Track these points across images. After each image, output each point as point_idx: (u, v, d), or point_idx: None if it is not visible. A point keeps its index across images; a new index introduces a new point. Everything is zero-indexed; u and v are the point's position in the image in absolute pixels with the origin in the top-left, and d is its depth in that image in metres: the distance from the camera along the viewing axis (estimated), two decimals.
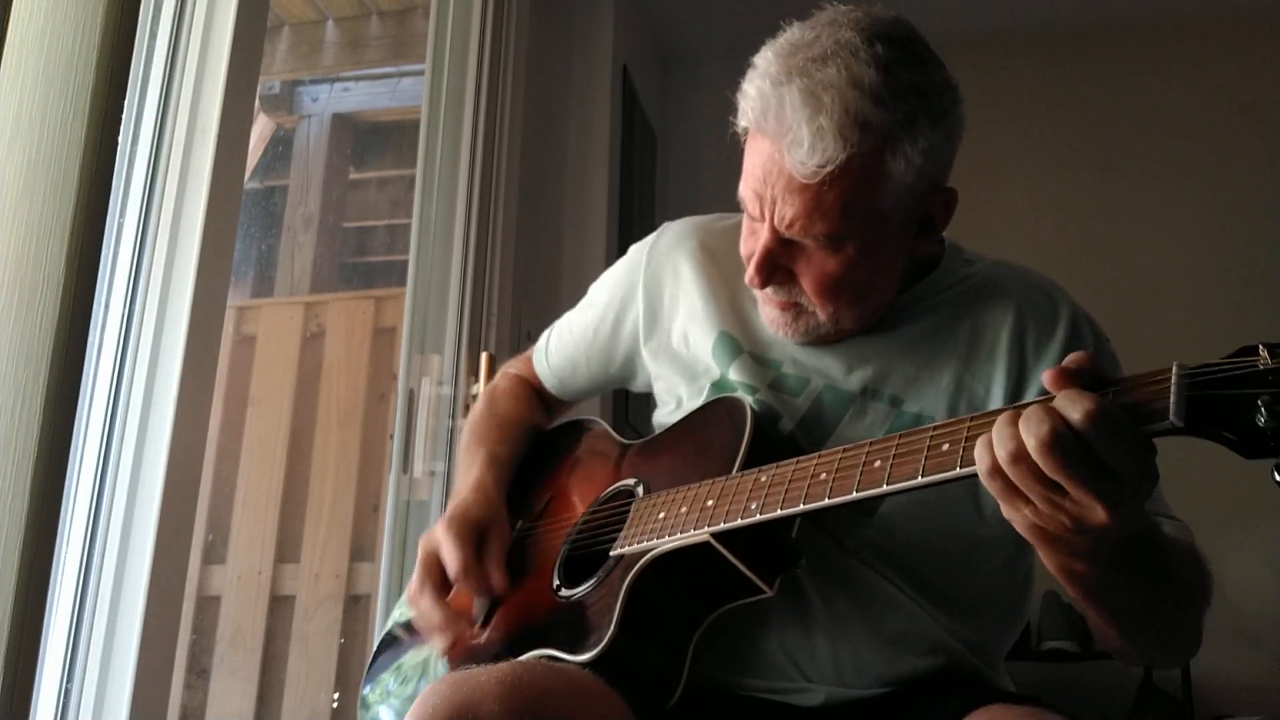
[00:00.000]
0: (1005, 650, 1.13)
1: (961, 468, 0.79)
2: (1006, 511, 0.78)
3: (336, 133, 3.07)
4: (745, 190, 1.05)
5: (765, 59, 1.02)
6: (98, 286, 1.01)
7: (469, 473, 1.26)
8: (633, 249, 1.31)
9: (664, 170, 3.63)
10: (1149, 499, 0.99)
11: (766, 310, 1.10)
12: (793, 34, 1.02)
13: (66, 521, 1.30)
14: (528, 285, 2.44)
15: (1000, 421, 0.75)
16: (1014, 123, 3.66)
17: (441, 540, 1.15)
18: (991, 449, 0.75)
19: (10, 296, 0.94)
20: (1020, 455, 0.73)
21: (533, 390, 1.42)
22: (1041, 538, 0.79)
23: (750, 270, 1.05)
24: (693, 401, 1.17)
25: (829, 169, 0.96)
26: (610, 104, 2.96)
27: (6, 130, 0.96)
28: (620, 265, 1.32)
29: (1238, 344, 0.71)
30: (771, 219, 1.02)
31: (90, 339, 1.05)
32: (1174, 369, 0.71)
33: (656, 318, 1.24)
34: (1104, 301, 1.14)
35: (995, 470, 0.75)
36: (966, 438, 0.79)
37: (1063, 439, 0.72)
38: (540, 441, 1.36)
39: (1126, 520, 0.76)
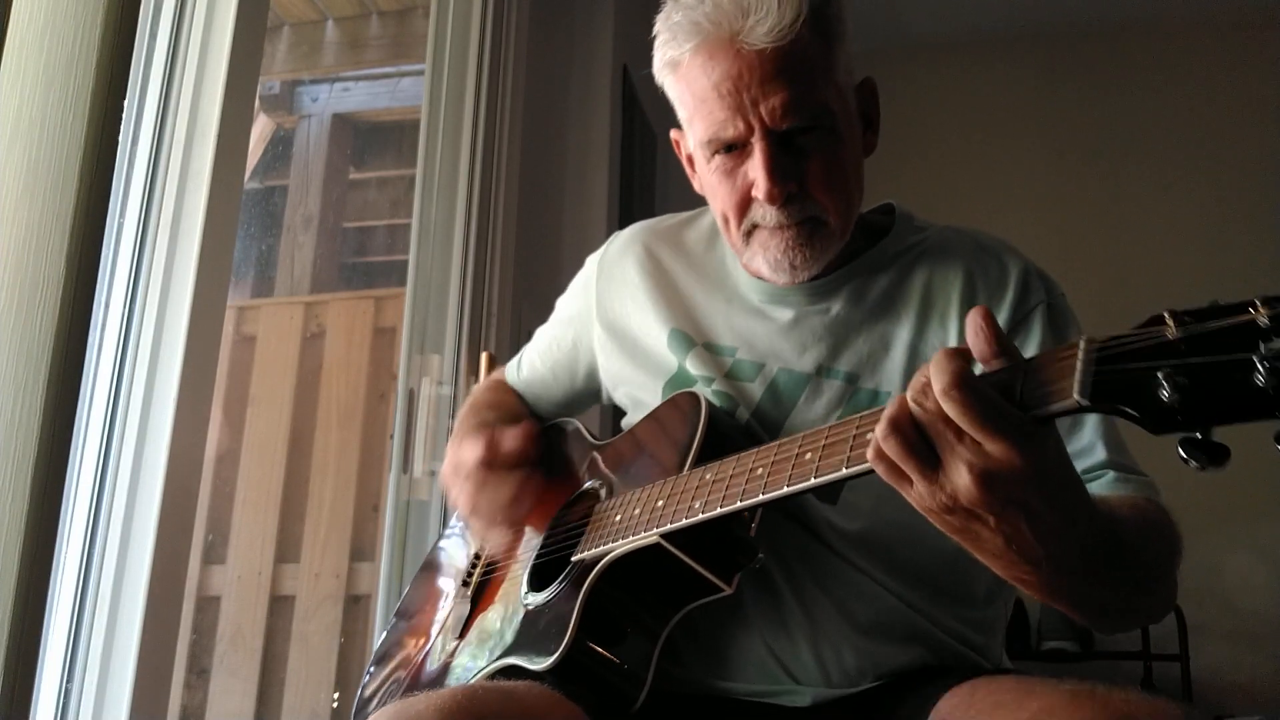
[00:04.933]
0: (996, 636, 1.11)
1: None
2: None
3: (336, 133, 3.07)
4: (712, 121, 1.02)
5: None
6: (98, 286, 1.01)
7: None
8: (588, 260, 1.33)
9: (664, 170, 3.63)
10: (1103, 472, 0.97)
11: (775, 245, 1.06)
12: None
13: (66, 521, 1.30)
14: (528, 285, 2.44)
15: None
16: (1014, 123, 3.66)
17: (459, 448, 1.17)
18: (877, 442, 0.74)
19: (10, 296, 0.94)
20: (894, 425, 0.72)
21: (511, 388, 1.42)
22: (949, 529, 0.76)
23: (765, 186, 1.02)
24: (653, 399, 1.17)
25: (803, 17, 0.98)
26: (610, 104, 2.95)
27: (6, 130, 0.96)
28: (578, 279, 1.34)
29: None
30: (762, 121, 1.01)
31: (90, 339, 1.05)
32: (1081, 343, 0.67)
33: (612, 326, 1.24)
34: (1104, 300, 1.14)
35: (878, 453, 0.73)
36: None
37: (917, 402, 0.71)
38: None
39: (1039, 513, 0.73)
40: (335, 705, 2.44)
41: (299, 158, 3.02)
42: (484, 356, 2.12)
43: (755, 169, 1.02)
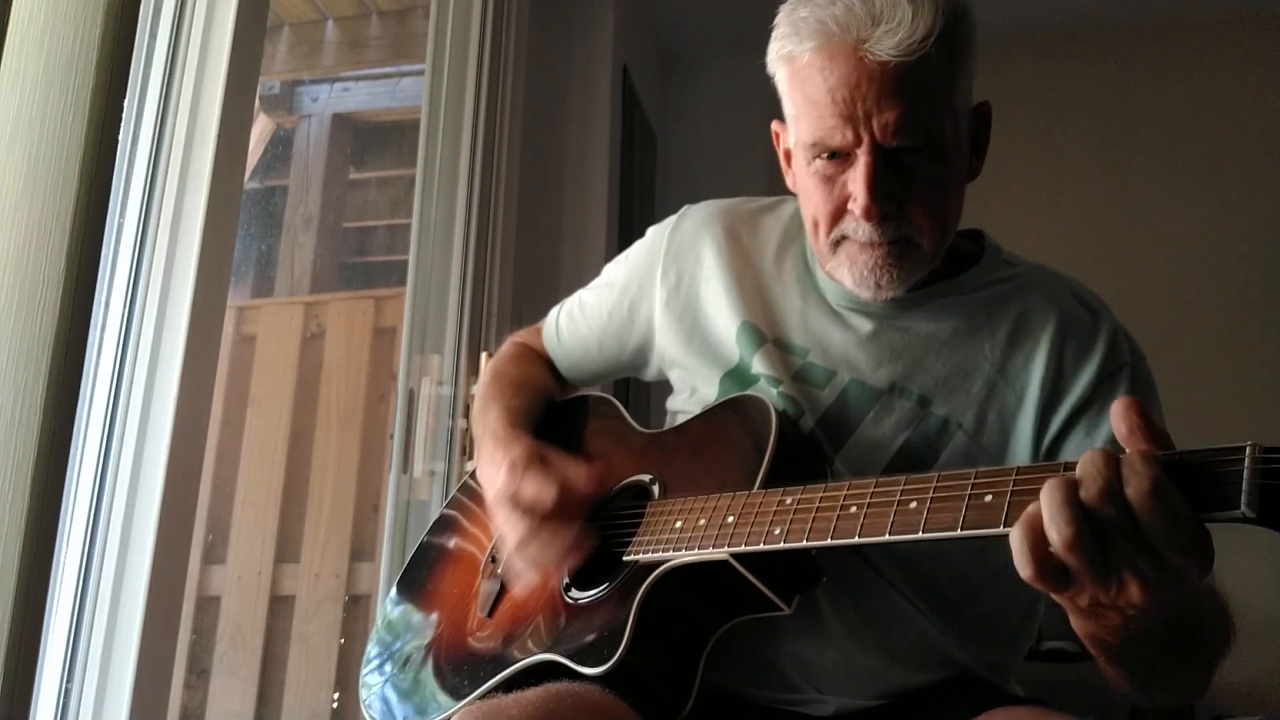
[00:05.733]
0: (1016, 666, 1.11)
1: (1005, 526, 0.71)
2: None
3: (336, 133, 3.07)
4: (820, 125, 0.99)
5: None
6: (98, 286, 1.01)
7: (485, 433, 1.20)
8: (652, 231, 1.27)
9: (664, 170, 3.63)
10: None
11: (863, 261, 1.03)
12: None
13: (66, 521, 1.30)
14: (528, 285, 2.44)
15: (1051, 500, 0.67)
16: (1023, 123, 3.66)
17: (521, 479, 1.06)
18: (1040, 532, 0.68)
19: (10, 296, 0.94)
20: (1074, 525, 0.66)
21: (539, 356, 1.37)
22: (1072, 609, 0.75)
23: (863, 202, 0.98)
24: (708, 389, 1.14)
25: (935, 35, 0.95)
26: (610, 104, 2.95)
27: (6, 130, 0.96)
28: (639, 248, 1.28)
29: (1244, 345, 0.67)
30: (872, 135, 0.97)
31: (90, 339, 1.05)
32: (1248, 451, 0.62)
33: (675, 304, 1.20)
34: (1112, 300, 1.13)
35: (1037, 548, 0.68)
36: (1012, 492, 0.73)
37: (1097, 503, 0.66)
38: (550, 414, 1.29)
39: (1168, 605, 0.71)
40: (335, 705, 2.44)
41: (299, 158, 3.03)
42: (484, 356, 2.12)
43: (856, 182, 0.99)
